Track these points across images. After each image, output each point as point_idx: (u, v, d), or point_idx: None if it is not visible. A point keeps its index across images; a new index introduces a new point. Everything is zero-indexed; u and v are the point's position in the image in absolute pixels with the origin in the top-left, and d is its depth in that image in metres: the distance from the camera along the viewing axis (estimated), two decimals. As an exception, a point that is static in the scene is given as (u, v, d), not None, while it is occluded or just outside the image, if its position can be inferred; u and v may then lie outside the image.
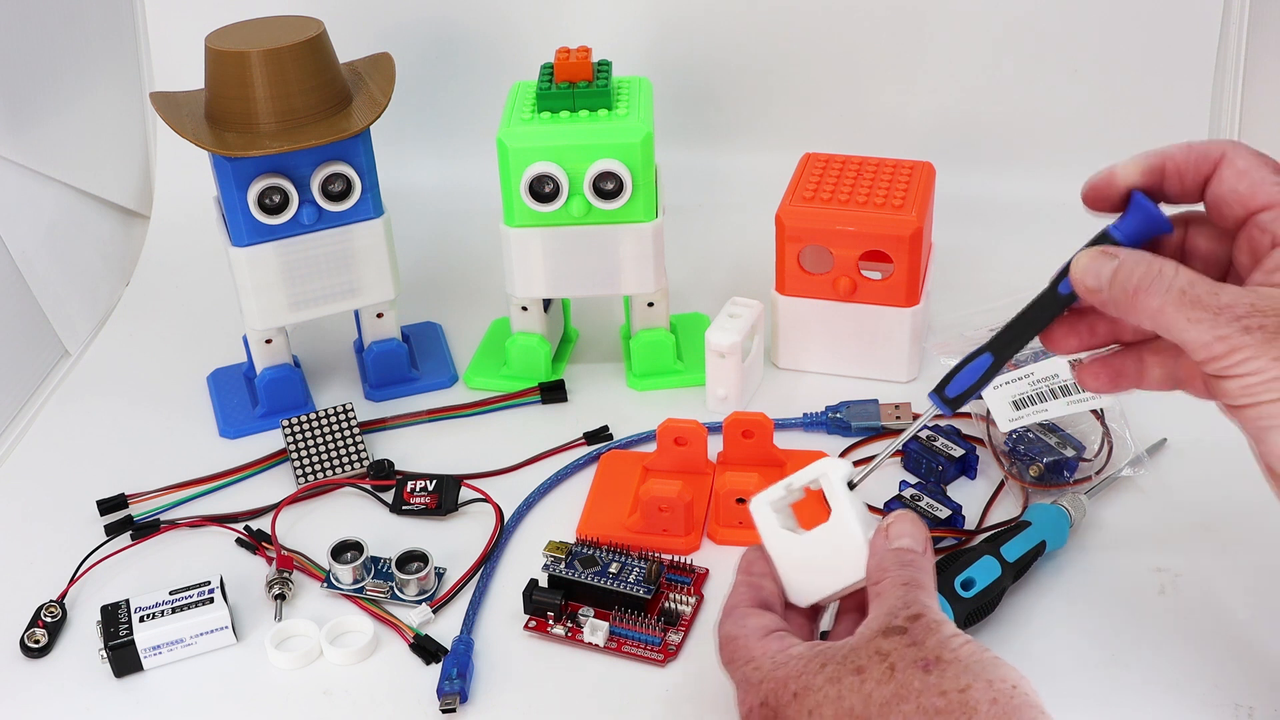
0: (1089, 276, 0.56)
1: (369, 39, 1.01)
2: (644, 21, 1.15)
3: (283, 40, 0.81)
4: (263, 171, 0.82)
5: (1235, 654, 0.68)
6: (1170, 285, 0.54)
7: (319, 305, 0.88)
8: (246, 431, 0.90)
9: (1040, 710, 0.51)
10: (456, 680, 0.68)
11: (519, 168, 0.84)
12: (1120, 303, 0.55)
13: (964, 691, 0.50)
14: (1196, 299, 0.54)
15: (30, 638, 0.73)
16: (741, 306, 0.90)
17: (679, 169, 1.08)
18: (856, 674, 0.53)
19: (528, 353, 0.92)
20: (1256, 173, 0.57)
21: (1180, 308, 0.54)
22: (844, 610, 0.62)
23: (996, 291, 0.98)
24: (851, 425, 0.86)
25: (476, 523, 0.81)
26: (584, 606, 0.72)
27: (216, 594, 0.73)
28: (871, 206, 0.87)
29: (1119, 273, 0.55)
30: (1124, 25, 1.10)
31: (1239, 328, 0.53)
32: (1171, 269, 0.55)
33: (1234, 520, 0.77)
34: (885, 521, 0.60)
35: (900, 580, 0.57)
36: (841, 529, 0.60)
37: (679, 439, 0.82)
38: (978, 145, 1.15)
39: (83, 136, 1.10)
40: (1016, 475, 0.80)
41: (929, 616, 0.54)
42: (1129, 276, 0.55)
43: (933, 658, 0.52)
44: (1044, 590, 0.73)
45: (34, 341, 1.00)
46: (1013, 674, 0.52)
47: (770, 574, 0.62)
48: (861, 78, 1.15)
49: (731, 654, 0.58)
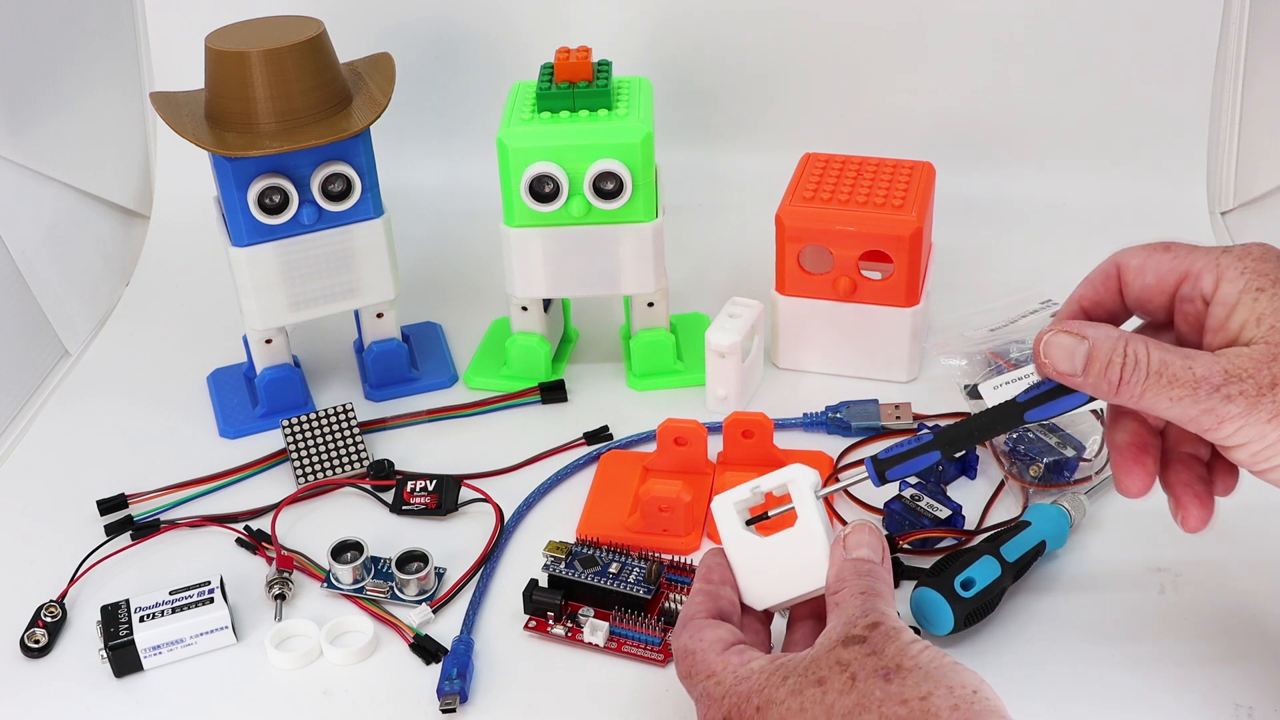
0: (1061, 360, 0.57)
1: (369, 39, 1.01)
2: (644, 21, 1.15)
3: (283, 40, 0.81)
4: (263, 171, 0.82)
5: (1235, 654, 0.68)
6: (1147, 370, 0.55)
7: (319, 305, 0.88)
8: (246, 431, 0.90)
9: (1001, 715, 0.51)
10: (456, 680, 0.68)
11: (519, 168, 0.84)
12: (1101, 390, 0.56)
13: (925, 699, 0.51)
14: (1174, 378, 0.55)
15: (30, 638, 0.73)
16: (741, 306, 0.90)
17: (679, 169, 1.08)
18: (818, 685, 0.53)
19: (528, 353, 0.92)
20: (1151, 261, 0.59)
21: (1160, 389, 0.55)
22: (798, 617, 0.63)
23: (996, 291, 0.98)
24: (851, 425, 0.86)
25: (476, 523, 0.81)
26: (584, 606, 0.72)
27: (216, 594, 0.73)
28: (871, 206, 0.87)
29: (1094, 358, 0.56)
30: (1124, 25, 1.10)
31: (1220, 398, 0.54)
32: (1143, 350, 0.55)
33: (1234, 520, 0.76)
34: (843, 532, 0.60)
35: (858, 589, 0.57)
36: (806, 536, 0.60)
37: (679, 439, 0.82)
38: (978, 145, 1.15)
39: (83, 136, 1.10)
40: (1016, 475, 0.80)
41: (887, 624, 0.55)
42: (1108, 364, 0.56)
43: (893, 666, 0.52)
44: (1044, 590, 0.73)
45: (34, 341, 1.00)
46: (973, 679, 0.52)
47: (729, 581, 0.62)
48: (861, 78, 1.15)
49: (690, 668, 0.58)
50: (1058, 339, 0.57)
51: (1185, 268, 0.58)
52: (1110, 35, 1.11)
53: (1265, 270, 0.55)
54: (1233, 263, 0.56)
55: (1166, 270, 0.58)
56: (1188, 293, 0.58)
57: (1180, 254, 0.58)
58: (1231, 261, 0.56)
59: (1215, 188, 1.13)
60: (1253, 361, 0.54)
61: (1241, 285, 0.55)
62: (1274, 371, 0.54)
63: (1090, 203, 1.13)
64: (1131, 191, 1.13)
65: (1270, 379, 0.53)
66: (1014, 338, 0.89)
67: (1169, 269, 0.58)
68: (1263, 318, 0.55)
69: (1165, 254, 0.59)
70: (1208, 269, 0.57)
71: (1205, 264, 0.57)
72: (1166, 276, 0.58)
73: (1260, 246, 0.57)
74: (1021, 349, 0.87)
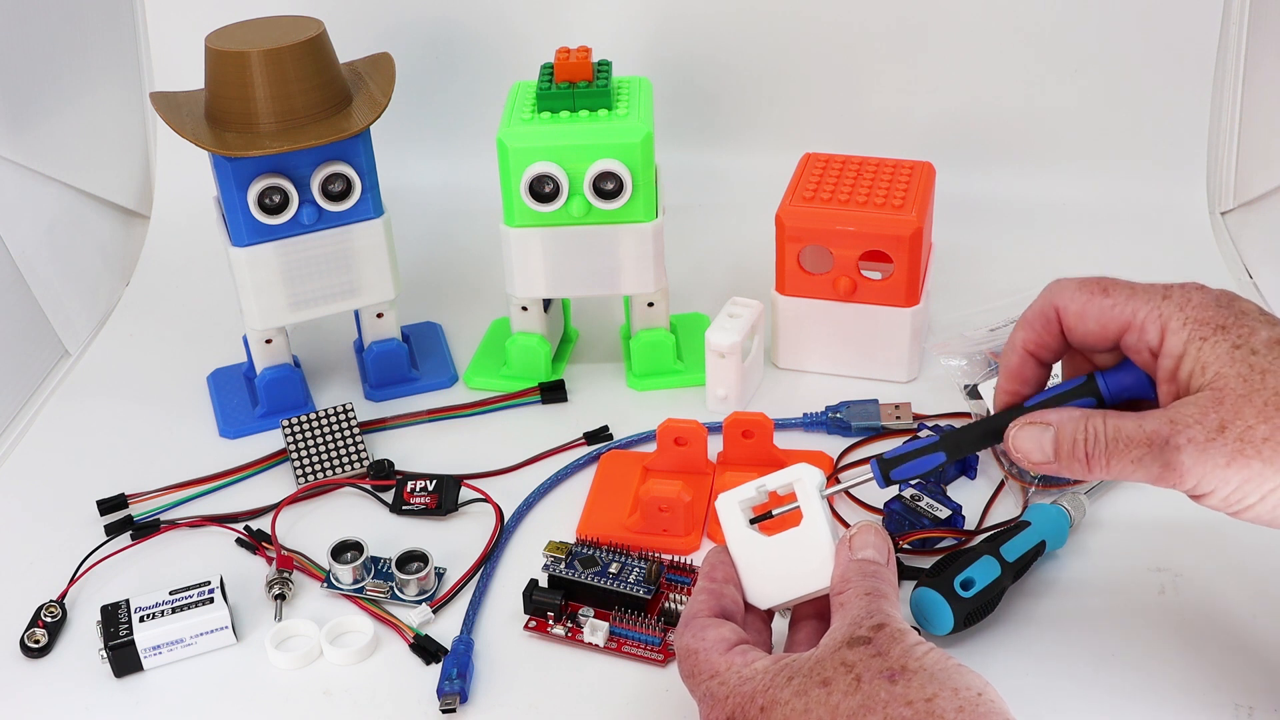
0: (1034, 452, 0.58)
1: (369, 39, 1.01)
2: (644, 21, 1.15)
3: (283, 40, 0.81)
4: (263, 171, 0.82)
5: (1235, 654, 0.68)
6: (1106, 439, 0.56)
7: (319, 305, 0.88)
8: (246, 431, 0.90)
9: (1005, 717, 0.51)
10: (456, 680, 0.68)
11: (519, 168, 0.84)
12: (1074, 470, 0.57)
13: (930, 701, 0.51)
14: (1129, 440, 0.55)
15: (30, 638, 0.73)
16: (741, 306, 0.90)
17: (679, 169, 1.08)
18: (823, 686, 0.53)
19: (528, 353, 0.92)
20: (1090, 308, 0.59)
21: (1122, 454, 0.56)
22: (801, 617, 0.63)
23: (996, 291, 0.98)
24: (851, 425, 0.86)
25: (476, 523, 0.81)
26: (584, 607, 0.72)
27: (216, 594, 0.73)
28: (871, 206, 0.87)
29: (1060, 440, 0.57)
30: (1124, 25, 1.10)
31: (1171, 449, 0.54)
32: (1100, 423, 0.56)
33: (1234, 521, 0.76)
34: (849, 533, 0.60)
35: (863, 590, 0.57)
36: (812, 536, 0.60)
37: (679, 439, 0.82)
38: (978, 145, 1.15)
39: (83, 136, 1.10)
40: (1016, 475, 0.80)
41: (892, 626, 0.55)
42: (1074, 444, 0.57)
43: (898, 667, 0.52)
44: (1044, 590, 0.73)
45: (34, 341, 1.00)
46: (978, 681, 0.52)
47: (732, 579, 0.62)
48: (861, 78, 1.15)
49: (693, 668, 0.58)
50: (1025, 432, 0.58)
51: (1127, 318, 0.58)
52: (1110, 35, 1.11)
53: (1206, 318, 0.56)
54: (1174, 313, 0.56)
55: (1108, 319, 0.58)
56: (1133, 343, 0.58)
57: (1119, 299, 0.58)
58: (1174, 311, 0.56)
59: (1215, 188, 1.13)
60: (1198, 409, 0.54)
61: (1185, 336, 0.56)
62: (1221, 415, 0.54)
63: (1090, 203, 1.13)
64: (1131, 191, 1.13)
65: (1218, 423, 0.54)
66: (1014, 338, 0.89)
67: (1110, 318, 0.58)
68: (1207, 365, 0.55)
69: (1104, 299, 0.58)
70: (1150, 320, 0.57)
71: (1148, 315, 0.57)
72: (1108, 325, 0.58)
73: (1199, 290, 0.57)
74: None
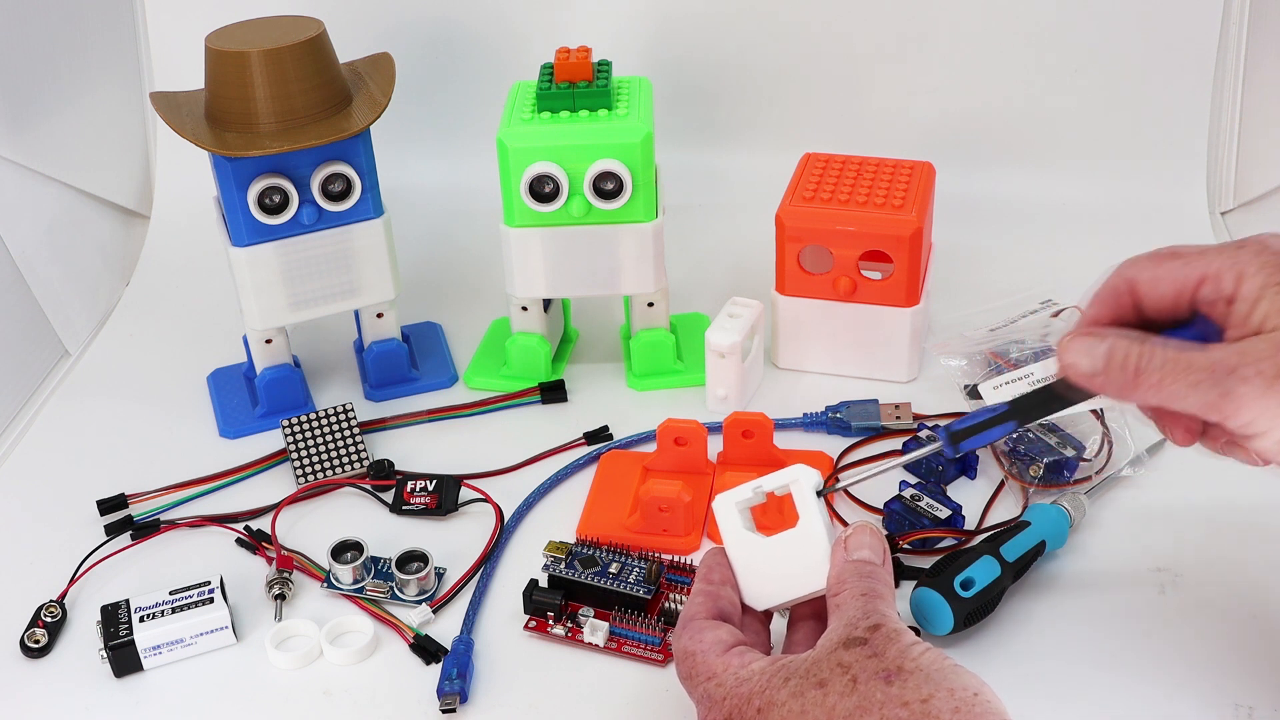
0: (1082, 360, 0.57)
1: (369, 39, 1.01)
2: (644, 21, 1.15)
3: (283, 40, 0.81)
4: (263, 171, 0.82)
5: (1235, 654, 0.68)
6: (1164, 357, 0.55)
7: (319, 305, 0.88)
8: (246, 431, 0.90)
9: (1002, 717, 0.51)
10: (456, 680, 0.68)
11: (519, 168, 0.84)
12: (1121, 384, 0.56)
13: (926, 701, 0.51)
14: (1190, 363, 0.54)
15: (30, 638, 0.73)
16: (741, 306, 0.90)
17: (679, 169, 1.08)
18: (819, 687, 0.53)
19: (528, 353, 0.92)
20: (1164, 271, 0.58)
21: (1178, 374, 0.55)
22: (799, 618, 0.63)
23: (996, 291, 0.98)
24: (851, 425, 0.86)
25: (476, 523, 0.81)
26: (584, 607, 0.72)
27: (216, 594, 0.73)
28: (871, 206, 0.87)
29: (1113, 353, 0.56)
30: (1124, 25, 1.10)
31: (1236, 379, 0.53)
32: (1160, 344, 0.56)
33: (1234, 520, 0.77)
34: (844, 533, 0.60)
35: (859, 591, 0.57)
36: (808, 537, 0.60)
37: (679, 439, 0.82)
38: (978, 145, 1.15)
39: (83, 136, 1.10)
40: (1016, 475, 0.80)
41: (888, 626, 0.55)
42: (1125, 357, 0.56)
43: (894, 668, 0.52)
44: (1044, 590, 0.73)
45: (34, 341, 1.00)
46: (974, 682, 0.52)
47: (729, 581, 0.62)
48: (861, 78, 1.15)
49: (691, 670, 0.58)
50: (1078, 342, 0.57)
51: (1202, 271, 0.57)
52: (1110, 35, 1.11)
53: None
54: (1250, 259, 0.56)
55: (1182, 277, 0.58)
56: (1208, 295, 0.57)
57: (1191, 258, 0.58)
58: (1249, 258, 0.56)
59: (1215, 188, 1.13)
60: (1270, 345, 0.54)
61: (1262, 280, 0.55)
62: None
63: (1090, 203, 1.13)
64: (1131, 191, 1.13)
65: None
66: (1014, 338, 0.89)
67: (1184, 275, 0.58)
68: None
69: (1176, 261, 0.58)
70: (1227, 269, 0.56)
71: (1223, 264, 0.56)
72: (1185, 284, 0.58)
73: (1275, 238, 0.57)
74: (1021, 349, 0.87)
